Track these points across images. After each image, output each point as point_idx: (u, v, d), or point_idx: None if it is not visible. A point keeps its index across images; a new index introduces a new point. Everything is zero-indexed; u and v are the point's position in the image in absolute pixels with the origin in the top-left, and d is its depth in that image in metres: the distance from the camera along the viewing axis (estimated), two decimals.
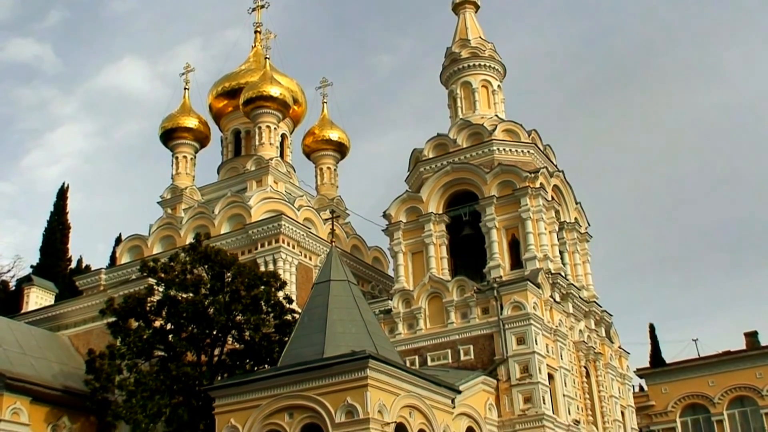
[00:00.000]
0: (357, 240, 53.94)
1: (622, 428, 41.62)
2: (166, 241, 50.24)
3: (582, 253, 43.09)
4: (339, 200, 56.71)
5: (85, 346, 36.40)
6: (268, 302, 32.56)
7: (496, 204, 38.75)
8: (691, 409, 55.98)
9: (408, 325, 37.76)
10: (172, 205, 53.14)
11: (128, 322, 31.88)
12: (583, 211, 44.33)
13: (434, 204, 40.44)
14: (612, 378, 41.91)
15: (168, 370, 30.10)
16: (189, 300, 31.22)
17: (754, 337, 58.11)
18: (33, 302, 45.16)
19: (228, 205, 49.06)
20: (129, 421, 29.28)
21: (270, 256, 45.17)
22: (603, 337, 42.16)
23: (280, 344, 31.10)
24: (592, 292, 42.29)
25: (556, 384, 35.09)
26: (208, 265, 32.33)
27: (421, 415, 26.47)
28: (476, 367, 34.74)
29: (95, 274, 51.40)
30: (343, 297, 28.54)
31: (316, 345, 26.81)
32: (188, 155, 55.77)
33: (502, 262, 37.92)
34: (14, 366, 33.34)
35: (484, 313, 35.84)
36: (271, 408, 25.61)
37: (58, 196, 66.42)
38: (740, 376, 54.67)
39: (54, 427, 33.27)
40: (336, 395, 24.71)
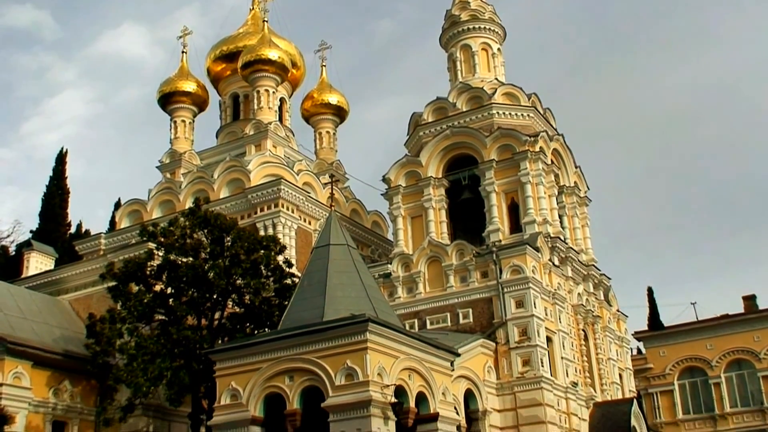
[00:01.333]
0: (356, 204, 53.92)
1: (620, 390, 41.95)
2: (166, 206, 50.23)
3: (581, 217, 43.12)
4: (338, 164, 56.60)
5: (85, 310, 36.51)
6: (267, 266, 32.62)
7: (496, 168, 38.69)
8: (689, 372, 56.37)
9: (407, 289, 37.87)
10: (171, 169, 53.05)
11: (128, 287, 31.94)
12: (582, 175, 44.28)
13: (433, 168, 40.37)
14: (610, 341, 42.15)
15: (168, 334, 30.23)
16: (189, 264, 31.26)
17: (752, 301, 58.38)
18: (33, 267, 45.25)
19: (227, 170, 48.97)
20: (130, 385, 29.43)
21: (269, 220, 45.18)
22: (601, 300, 42.35)
23: (280, 308, 31.19)
24: (591, 255, 42.38)
25: (554, 347, 35.29)
26: (208, 229, 32.33)
27: (421, 377, 26.61)
28: (475, 330, 34.91)
29: (95, 238, 51.45)
30: (343, 261, 28.55)
31: (315, 309, 26.87)
32: (187, 119, 55.56)
33: (502, 226, 37.94)
34: (15, 330, 33.49)
35: (483, 276, 35.94)
36: (272, 371, 25.73)
37: (57, 161, 66.32)
38: (738, 339, 54.99)
39: (55, 390, 33.49)
40: (336, 358, 24.82)
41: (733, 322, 55.87)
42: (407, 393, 25.78)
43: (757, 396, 54.00)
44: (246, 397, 25.79)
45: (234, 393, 26.10)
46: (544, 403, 33.03)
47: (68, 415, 33.76)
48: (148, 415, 33.96)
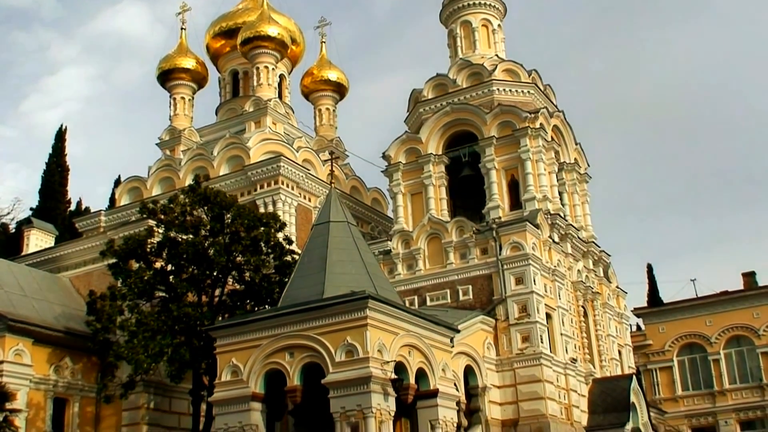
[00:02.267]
0: (356, 181, 53.87)
1: (619, 367, 42.11)
2: (165, 183, 50.20)
3: (581, 194, 43.09)
4: (338, 141, 56.48)
5: (85, 287, 36.53)
6: (267, 243, 32.59)
7: (496, 145, 38.60)
8: (688, 349, 56.63)
9: (407, 266, 37.92)
10: (170, 146, 52.96)
11: (129, 264, 31.94)
12: (582, 152, 44.20)
13: (433, 145, 40.28)
14: (609, 317, 42.25)
15: (169, 311, 30.24)
16: (189, 241, 31.23)
17: (752, 278, 58.55)
18: (33, 244, 45.24)
19: (227, 147, 48.88)
20: (131, 361, 29.47)
21: (269, 197, 45.16)
22: (601, 276, 42.40)
23: (280, 285, 31.22)
24: (591, 232, 42.39)
25: (553, 323, 35.39)
26: (208, 206, 32.27)
27: (420, 354, 26.68)
28: (475, 307, 35.00)
29: (95, 215, 51.45)
30: (343, 238, 28.54)
31: (316, 285, 26.90)
32: (186, 96, 55.39)
33: (501, 202, 37.92)
34: (16, 308, 33.51)
35: (483, 253, 35.99)
36: (272, 347, 25.79)
37: (56, 138, 66.19)
38: (737, 315, 55.22)
39: (56, 367, 33.56)
40: (336, 335, 24.88)
41: (732, 299, 56.05)
42: (407, 369, 25.86)
43: (756, 372, 54.28)
44: (246, 374, 25.88)
45: (234, 369, 26.18)
46: (543, 379, 33.18)
47: (69, 392, 33.88)
48: (149, 391, 34.06)
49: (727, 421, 54.11)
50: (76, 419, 33.95)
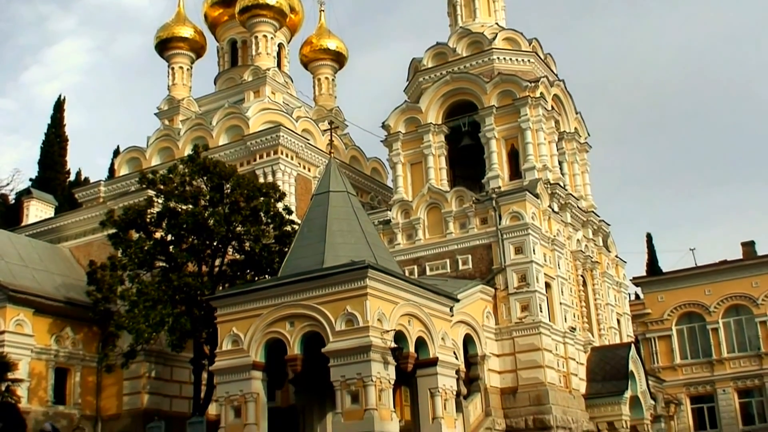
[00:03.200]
0: (356, 151, 53.75)
1: (618, 335, 42.29)
2: (164, 153, 50.10)
3: (581, 163, 43.00)
4: (337, 111, 56.27)
5: (85, 257, 36.62)
6: (267, 213, 32.60)
7: (496, 114, 38.44)
8: (687, 318, 56.84)
9: (407, 236, 37.95)
10: (169, 116, 52.80)
11: (128, 234, 31.98)
12: (582, 121, 44.06)
13: (433, 114, 40.13)
14: (608, 286, 42.37)
15: (169, 281, 30.32)
16: (189, 211, 31.23)
17: (751, 247, 58.62)
18: (33, 215, 45.27)
19: (225, 116, 48.73)
20: (132, 331, 29.59)
21: (269, 167, 45.10)
22: (600, 246, 42.45)
23: (280, 255, 31.27)
24: (591, 201, 42.36)
25: (552, 292, 35.48)
26: (207, 176, 32.24)
27: (420, 323, 26.78)
28: (474, 276, 35.07)
29: (94, 186, 51.44)
30: (343, 208, 28.53)
31: (315, 255, 26.93)
32: (184, 66, 55.09)
33: (501, 172, 37.84)
34: (16, 278, 33.60)
35: (483, 223, 35.99)
36: (272, 317, 25.88)
37: (54, 109, 66.00)
38: (736, 285, 55.36)
39: (57, 337, 33.74)
40: (336, 304, 24.95)
41: (731, 268, 56.17)
42: (407, 338, 25.98)
43: (754, 341, 54.53)
44: (247, 343, 25.99)
45: (235, 339, 26.29)
46: (542, 348, 33.33)
47: (70, 361, 34.09)
48: (150, 360, 34.31)
49: (725, 389, 54.44)
50: (77, 389, 34.21)
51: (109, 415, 34.55)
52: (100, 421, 34.45)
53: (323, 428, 27.94)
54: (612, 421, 35.70)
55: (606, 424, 35.74)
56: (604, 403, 35.95)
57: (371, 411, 23.81)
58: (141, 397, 34.06)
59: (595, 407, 35.99)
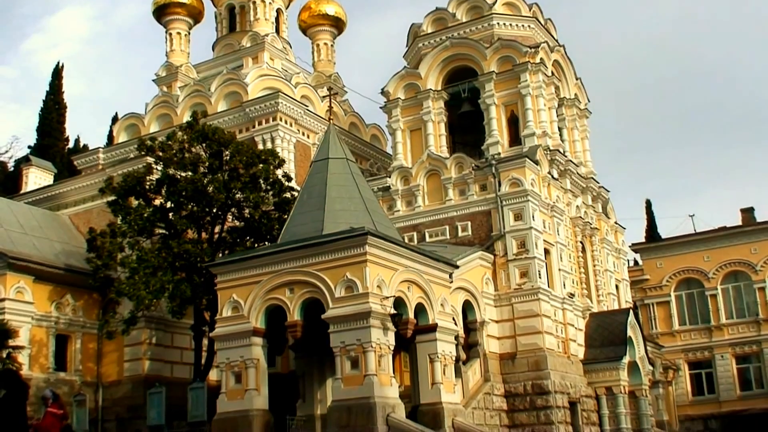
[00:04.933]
0: (355, 117, 53.53)
1: (617, 301, 42.42)
2: (163, 120, 49.90)
3: (581, 129, 42.86)
4: (336, 77, 55.98)
5: (85, 225, 36.65)
6: (266, 180, 32.56)
7: (496, 80, 38.23)
8: (686, 284, 57.05)
9: (406, 202, 37.92)
10: (167, 82, 52.52)
11: (128, 201, 31.96)
12: (583, 87, 43.85)
13: (433, 80, 39.91)
14: (607, 253, 42.42)
15: (169, 248, 30.34)
16: (188, 178, 31.17)
17: (750, 213, 58.71)
18: (32, 182, 45.20)
19: (224, 83, 48.47)
20: (132, 298, 29.66)
21: (268, 134, 44.94)
22: (599, 212, 42.45)
23: (280, 222, 31.28)
24: (590, 168, 42.28)
25: (552, 259, 35.54)
26: (206, 143, 32.13)
27: (419, 289, 26.86)
28: (474, 243, 35.10)
29: (93, 153, 51.28)
30: (342, 175, 28.47)
31: (315, 222, 26.93)
32: (182, 32, 54.72)
33: (501, 138, 37.72)
34: (16, 246, 33.64)
35: (482, 189, 35.94)
36: (272, 283, 25.94)
37: (53, 76, 65.57)
38: (735, 251, 55.51)
39: (57, 304, 33.85)
40: (335, 271, 25.00)
41: (730, 235, 56.29)
42: (406, 304, 26.06)
43: (753, 307, 54.79)
44: (247, 309, 26.08)
45: (235, 305, 26.37)
46: (541, 314, 33.45)
47: (71, 328, 34.24)
48: (151, 327, 34.46)
49: (723, 355, 54.78)
50: (78, 355, 34.40)
51: (110, 381, 34.78)
52: (101, 388, 34.69)
53: (323, 393, 28.16)
54: (610, 386, 35.93)
55: (604, 389, 35.98)
56: (602, 368, 36.15)
57: (371, 376, 23.96)
58: (142, 364, 34.26)
59: (593, 372, 36.20)
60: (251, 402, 25.57)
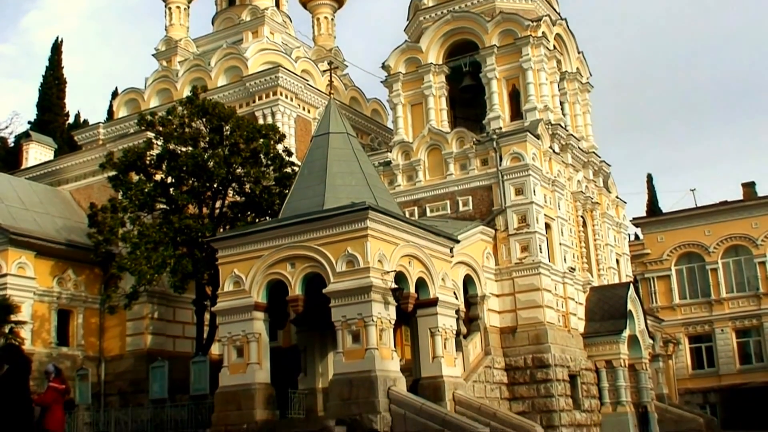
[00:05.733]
0: (356, 92, 53.33)
1: (617, 275, 42.49)
2: (163, 94, 49.72)
3: (582, 104, 42.71)
4: (337, 51, 55.70)
5: (86, 200, 36.67)
6: (267, 155, 32.52)
7: (497, 54, 38.02)
8: (686, 258, 57.16)
9: (407, 177, 37.88)
10: (167, 57, 52.29)
11: (128, 176, 31.96)
12: (585, 61, 43.63)
13: (434, 54, 39.72)
14: (608, 227, 42.44)
15: (170, 223, 30.35)
16: (188, 153, 31.14)
17: (752, 188, 58.73)
18: (32, 158, 45.19)
19: (224, 57, 48.25)
20: (134, 272, 29.72)
21: (268, 109, 44.81)
22: (601, 187, 42.41)
23: (281, 197, 31.27)
24: (592, 142, 42.18)
25: (552, 233, 35.55)
26: (206, 118, 32.06)
27: (420, 263, 26.89)
28: (475, 217, 35.11)
29: (93, 128, 51.16)
30: (343, 149, 28.43)
31: (316, 197, 26.93)
32: (181, 5, 54.33)
33: (502, 113, 37.59)
34: (17, 221, 33.67)
35: (483, 164, 35.88)
36: (273, 258, 25.98)
37: (52, 51, 65.25)
38: (736, 225, 55.59)
39: (59, 280, 33.93)
40: (337, 245, 25.02)
41: (731, 209, 56.32)
42: (407, 279, 26.11)
43: (753, 282, 54.93)
44: (249, 284, 26.14)
45: (237, 280, 26.43)
46: (541, 288, 33.52)
47: (73, 303, 34.35)
48: (153, 302, 34.56)
49: (723, 329, 54.99)
50: (80, 330, 34.53)
51: (112, 355, 34.94)
52: (103, 362, 34.86)
53: (324, 367, 28.29)
54: (610, 359, 36.08)
55: (604, 362, 36.13)
56: (602, 342, 36.27)
57: (372, 350, 24.06)
58: (144, 338, 34.40)
59: (593, 346, 36.33)
60: (253, 376, 25.70)
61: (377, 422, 23.47)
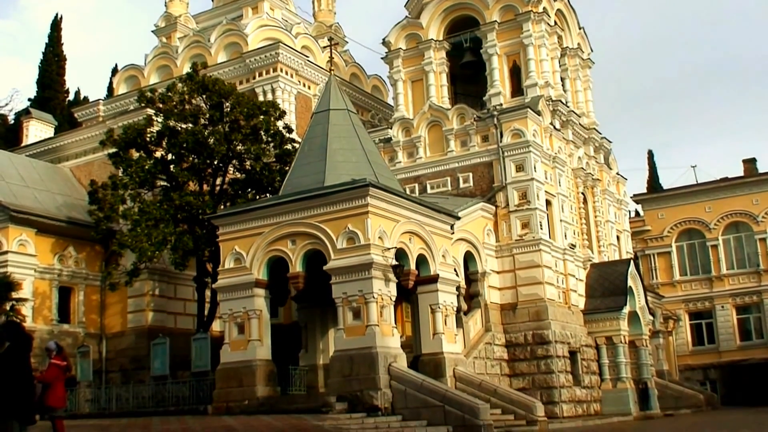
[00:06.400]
0: (356, 68, 53.12)
1: (618, 252, 42.53)
2: (163, 71, 49.55)
3: (583, 80, 42.57)
4: (337, 27, 55.42)
5: (86, 177, 36.63)
6: (267, 132, 32.43)
7: (498, 29, 37.84)
8: (687, 234, 57.19)
9: (408, 154, 37.83)
10: (166, 33, 52.03)
11: (129, 153, 31.88)
12: (586, 37, 43.44)
13: (434, 30, 39.53)
14: (609, 203, 42.42)
15: (171, 200, 30.31)
16: (188, 130, 31.05)
17: (753, 164, 58.67)
18: (33, 135, 45.07)
19: (224, 33, 48.01)
20: (135, 250, 29.73)
21: (268, 85, 44.66)
22: (601, 163, 42.36)
23: (281, 173, 31.23)
24: (593, 119, 42.08)
25: (553, 210, 35.54)
26: (206, 95, 31.93)
27: (421, 240, 26.90)
28: (475, 194, 35.08)
29: (93, 105, 51.03)
30: (343, 126, 28.35)
31: (316, 174, 26.88)
32: None
33: (503, 89, 37.46)
34: (18, 198, 33.65)
35: (484, 140, 35.82)
36: (274, 235, 25.99)
37: (52, 28, 64.92)
38: (737, 202, 55.60)
39: (60, 257, 33.94)
40: (337, 222, 25.02)
41: (732, 185, 56.31)
42: (408, 255, 26.12)
43: (754, 258, 54.99)
44: (249, 261, 26.17)
45: (237, 257, 26.45)
46: (542, 265, 33.55)
47: (74, 280, 34.39)
48: (154, 279, 34.60)
49: (724, 305, 55.13)
50: (81, 307, 34.59)
51: (113, 332, 35.02)
52: (104, 339, 34.95)
53: (325, 344, 28.39)
54: (610, 335, 36.20)
55: (604, 339, 36.25)
56: (602, 318, 36.38)
57: (372, 327, 24.12)
58: (145, 315, 34.47)
59: (593, 322, 36.44)
60: (254, 352, 25.79)
61: (378, 398, 23.58)
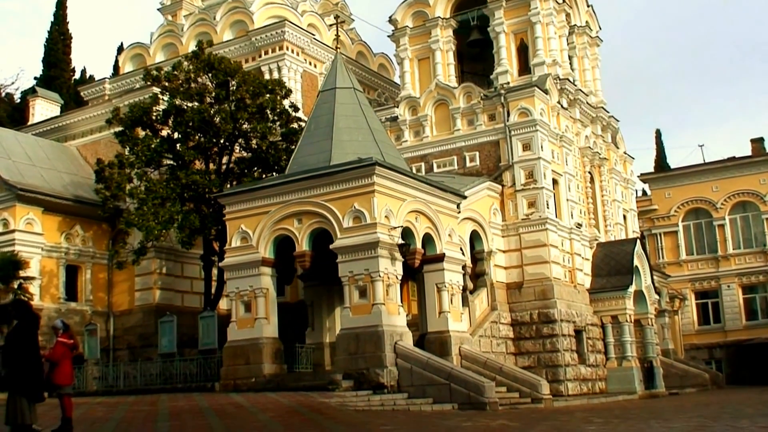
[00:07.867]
0: (362, 46, 52.89)
1: (624, 231, 42.46)
2: (168, 49, 49.43)
3: (591, 58, 42.32)
4: (343, 5, 55.10)
5: (93, 156, 36.66)
6: (273, 110, 32.39)
7: (505, 7, 37.57)
8: (694, 214, 57.07)
9: (414, 133, 37.73)
10: (172, 11, 51.87)
11: (135, 132, 31.88)
12: (594, 14, 43.16)
13: (441, 8, 39.28)
14: (616, 183, 42.31)
15: (177, 178, 30.36)
16: (194, 109, 31.02)
17: (760, 144, 58.39)
18: (39, 114, 45.03)
19: (230, 11, 47.83)
20: (141, 228, 29.80)
21: (274, 63, 44.53)
22: (609, 142, 42.21)
23: (287, 152, 31.20)
24: (600, 97, 41.88)
25: (560, 189, 35.46)
26: (212, 73, 31.88)
27: (427, 219, 26.90)
28: (482, 173, 35.01)
29: (99, 83, 50.95)
30: (349, 104, 28.29)
31: (323, 152, 26.87)
32: None
33: (510, 67, 37.26)
34: (24, 177, 33.71)
35: (491, 119, 35.68)
36: (281, 214, 26.01)
37: (57, 6, 64.80)
38: (744, 181, 55.43)
39: (67, 235, 34.04)
40: (343, 201, 25.02)
41: (739, 165, 56.11)
42: (414, 234, 26.14)
43: (760, 238, 54.90)
44: (256, 240, 26.22)
45: (244, 235, 26.49)
46: (548, 244, 33.50)
47: (81, 259, 34.50)
48: (161, 257, 34.70)
49: (730, 285, 55.10)
50: (88, 285, 34.74)
51: (120, 310, 35.18)
52: (112, 317, 35.10)
53: (332, 322, 28.51)
54: (616, 314, 36.23)
55: (610, 318, 36.28)
56: (608, 297, 36.38)
57: (379, 305, 24.19)
58: (153, 293, 34.60)
59: (599, 301, 36.44)
60: (261, 330, 25.90)
61: (384, 376, 23.69)
